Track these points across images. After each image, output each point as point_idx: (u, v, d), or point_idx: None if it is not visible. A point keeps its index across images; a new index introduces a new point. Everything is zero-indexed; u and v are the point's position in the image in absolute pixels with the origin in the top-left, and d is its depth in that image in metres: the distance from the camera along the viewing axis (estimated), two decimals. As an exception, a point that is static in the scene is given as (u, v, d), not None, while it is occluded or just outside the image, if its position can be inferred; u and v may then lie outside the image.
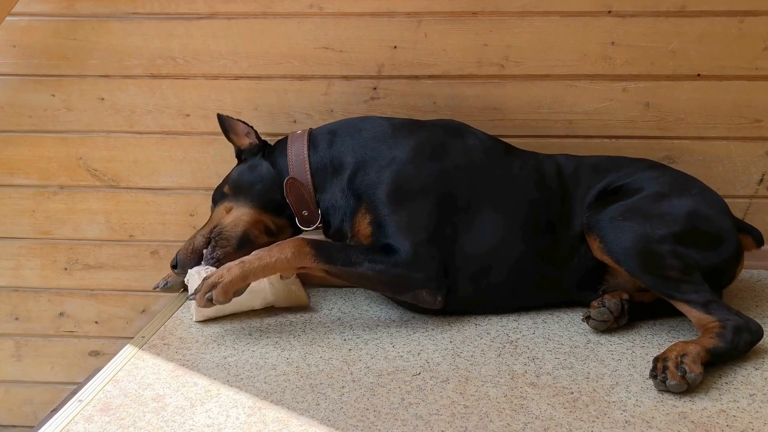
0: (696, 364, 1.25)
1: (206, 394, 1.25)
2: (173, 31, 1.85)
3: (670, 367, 1.24)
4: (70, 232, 2.03)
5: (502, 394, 1.24)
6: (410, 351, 1.40)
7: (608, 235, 1.45)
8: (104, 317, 2.09)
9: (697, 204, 1.49)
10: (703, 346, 1.30)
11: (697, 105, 1.80)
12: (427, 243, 1.47)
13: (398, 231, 1.46)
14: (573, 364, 1.34)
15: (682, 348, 1.28)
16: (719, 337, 1.32)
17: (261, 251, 1.43)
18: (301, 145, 1.61)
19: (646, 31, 1.76)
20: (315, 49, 1.83)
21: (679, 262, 1.40)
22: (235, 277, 1.40)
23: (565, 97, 1.82)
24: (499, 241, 1.52)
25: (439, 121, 1.68)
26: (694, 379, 1.23)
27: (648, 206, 1.47)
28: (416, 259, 1.44)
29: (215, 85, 1.88)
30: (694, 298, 1.38)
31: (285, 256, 1.42)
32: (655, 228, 1.43)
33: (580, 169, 1.61)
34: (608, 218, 1.46)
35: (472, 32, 1.79)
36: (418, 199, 1.50)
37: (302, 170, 1.59)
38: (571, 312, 1.57)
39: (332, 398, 1.23)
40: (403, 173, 1.52)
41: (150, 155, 1.95)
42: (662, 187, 1.53)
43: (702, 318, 1.37)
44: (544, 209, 1.56)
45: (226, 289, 1.39)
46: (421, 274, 1.45)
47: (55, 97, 1.93)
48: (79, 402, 1.24)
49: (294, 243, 1.44)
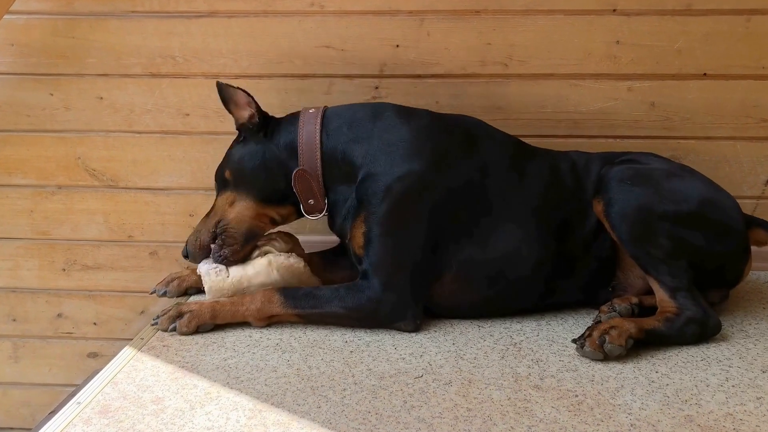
0: (620, 338, 1.31)
1: (206, 396, 1.25)
2: (173, 29, 1.85)
3: (593, 335, 1.32)
4: (68, 233, 2.03)
5: (505, 397, 1.24)
6: (413, 353, 1.40)
7: (613, 196, 1.46)
8: (103, 318, 2.09)
9: (709, 191, 1.50)
10: (640, 325, 1.35)
11: (703, 104, 1.80)
12: (407, 278, 1.46)
13: (380, 264, 1.46)
14: (577, 367, 1.34)
15: (617, 322, 1.35)
16: (666, 321, 1.37)
17: (235, 298, 1.51)
18: (314, 129, 1.53)
19: (651, 30, 1.76)
20: (316, 48, 1.83)
21: (671, 244, 1.41)
22: (204, 315, 1.48)
23: (569, 97, 1.82)
24: (515, 244, 1.52)
25: (460, 122, 1.61)
26: (611, 350, 1.30)
27: (660, 179, 1.48)
28: (391, 296, 1.46)
29: (215, 84, 1.88)
30: (666, 280, 1.41)
31: (254, 307, 1.49)
32: (661, 203, 1.43)
33: (591, 161, 1.61)
34: (617, 179, 1.47)
35: (475, 31, 1.79)
36: (420, 219, 1.47)
37: (313, 160, 1.53)
38: (575, 314, 1.57)
39: (334, 401, 1.23)
40: (412, 191, 1.47)
41: (149, 155, 1.95)
42: (674, 168, 1.55)
43: (664, 300, 1.41)
44: (559, 208, 1.56)
45: (191, 321, 1.47)
46: (396, 310, 1.47)
47: (53, 96, 1.93)
48: (77, 404, 1.24)
49: (264, 293, 1.50)
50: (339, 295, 1.48)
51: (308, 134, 1.53)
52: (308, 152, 1.53)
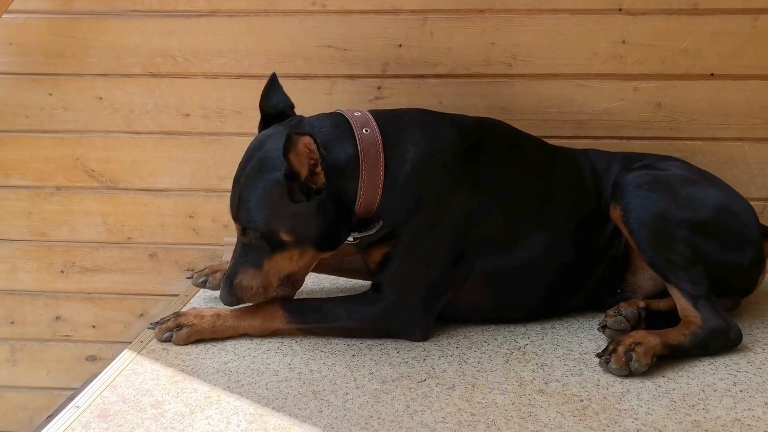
0: (646, 356, 1.30)
1: (206, 400, 1.25)
2: (173, 28, 1.85)
3: (619, 351, 1.30)
4: (66, 234, 2.03)
5: (509, 402, 1.23)
6: (415, 357, 1.40)
7: (630, 202, 1.45)
8: (101, 321, 2.09)
9: (728, 199, 1.50)
10: (665, 341, 1.33)
11: (710, 105, 1.80)
12: (421, 292, 1.44)
13: (398, 277, 1.44)
14: (583, 371, 1.34)
15: (641, 337, 1.33)
16: (691, 335, 1.36)
17: (237, 310, 1.45)
18: (377, 180, 1.39)
19: (658, 30, 1.76)
20: (318, 48, 1.84)
21: (689, 250, 1.41)
22: (204, 328, 1.44)
23: (574, 97, 1.82)
24: (541, 249, 1.52)
25: (495, 127, 1.58)
26: (636, 368, 1.28)
27: (677, 185, 1.48)
28: (402, 310, 1.45)
29: (216, 84, 1.88)
30: (687, 288, 1.40)
31: (256, 323, 1.45)
32: (679, 209, 1.43)
33: (612, 163, 1.61)
34: (635, 184, 1.47)
35: (479, 30, 1.79)
36: (442, 240, 1.44)
37: (372, 203, 1.41)
38: (580, 317, 1.57)
39: (335, 405, 1.23)
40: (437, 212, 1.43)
41: (149, 156, 1.95)
42: (692, 175, 1.54)
43: (687, 309, 1.39)
44: (579, 210, 1.56)
45: (190, 336, 1.44)
46: (404, 324, 1.45)
47: (52, 96, 1.93)
48: (76, 408, 1.23)
49: (266, 309, 1.45)
50: (347, 308, 1.45)
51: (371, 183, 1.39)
52: (367, 200, 1.40)
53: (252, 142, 1.44)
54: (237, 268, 1.40)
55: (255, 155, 1.39)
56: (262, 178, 1.35)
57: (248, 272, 1.39)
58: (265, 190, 1.35)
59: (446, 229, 1.45)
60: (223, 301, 1.42)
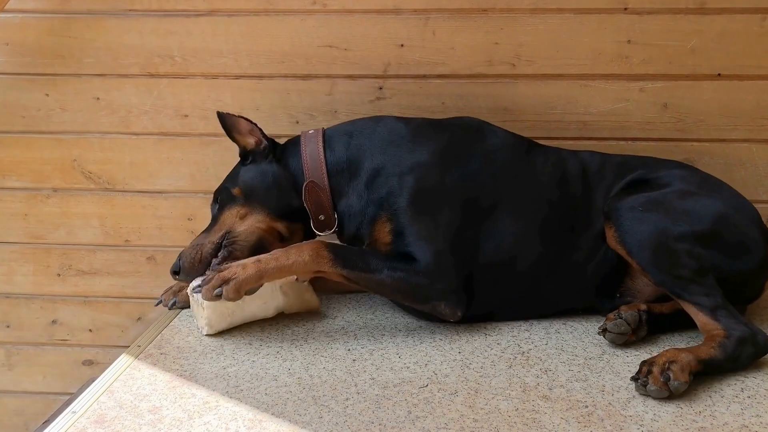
0: (683, 373, 1.26)
1: (205, 405, 1.25)
2: (171, 28, 1.86)
3: (654, 371, 1.26)
4: (63, 237, 2.03)
5: (513, 408, 1.23)
6: (417, 362, 1.40)
7: (625, 224, 1.45)
8: (99, 325, 2.10)
9: (726, 208, 1.49)
10: (697, 356, 1.30)
11: (717, 106, 1.80)
12: (448, 252, 1.48)
13: (419, 239, 1.47)
14: (587, 377, 1.34)
15: (673, 354, 1.29)
16: (720, 347, 1.32)
17: (278, 252, 1.44)
18: (315, 145, 1.60)
19: (664, 29, 1.76)
20: (318, 48, 1.84)
21: (694, 262, 1.40)
22: (250, 275, 1.41)
23: (579, 98, 1.82)
24: (520, 245, 1.54)
25: (458, 120, 1.67)
26: (677, 388, 1.24)
27: (672, 201, 1.47)
28: (437, 268, 1.45)
29: (215, 85, 1.89)
30: (702, 301, 1.38)
31: (303, 259, 1.43)
32: (676, 224, 1.42)
33: (606, 167, 1.62)
34: (628, 207, 1.47)
35: (482, 30, 1.79)
36: (440, 207, 1.51)
37: (319, 173, 1.58)
38: (585, 322, 1.57)
39: (336, 411, 1.23)
40: (426, 180, 1.52)
41: (147, 157, 1.95)
42: (690, 186, 1.54)
43: (708, 323, 1.37)
44: (566, 210, 1.57)
45: (238, 286, 1.40)
46: (442, 285, 1.46)
47: (49, 97, 1.93)
48: (72, 413, 1.23)
49: (312, 246, 1.45)
50: (390, 264, 1.45)
51: (311, 149, 1.60)
52: (312, 165, 1.58)
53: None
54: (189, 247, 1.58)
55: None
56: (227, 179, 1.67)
57: (194, 239, 1.59)
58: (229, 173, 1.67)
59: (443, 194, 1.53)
60: (172, 273, 1.56)
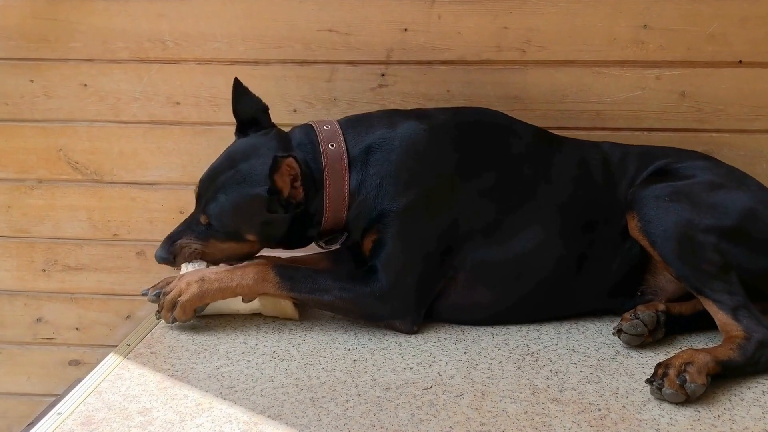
0: (700, 375, 1.26)
1: (197, 407, 1.25)
2: (163, 11, 1.85)
3: (670, 374, 1.26)
4: (49, 231, 2.03)
5: (522, 411, 1.23)
6: (421, 362, 1.40)
7: (649, 213, 1.46)
8: (86, 323, 2.10)
9: (754, 202, 1.49)
10: (715, 357, 1.30)
11: (738, 94, 1.79)
12: (412, 273, 1.49)
13: (391, 258, 1.49)
14: (600, 378, 1.34)
15: (689, 356, 1.29)
16: (739, 349, 1.32)
17: (222, 272, 1.49)
18: (342, 195, 1.51)
19: (682, 13, 1.75)
20: (318, 32, 1.83)
21: (719, 257, 1.40)
22: (192, 296, 1.48)
23: (592, 86, 1.81)
24: (536, 248, 1.54)
25: (480, 116, 1.64)
26: (694, 390, 1.24)
27: (700, 192, 1.48)
28: (393, 290, 1.48)
29: (208, 71, 1.88)
30: (724, 299, 1.39)
31: (246, 283, 1.48)
32: (703, 217, 1.43)
33: (627, 157, 1.63)
34: (653, 196, 1.47)
35: (490, 14, 1.79)
36: (431, 224, 1.51)
37: (340, 214, 1.54)
38: (598, 321, 1.57)
39: (335, 413, 1.23)
40: (427, 196, 1.51)
41: (137, 147, 1.95)
42: (717, 177, 1.54)
43: (728, 323, 1.37)
44: (587, 206, 1.58)
45: (185, 309, 1.48)
46: (394, 307, 1.49)
47: (33, 83, 1.93)
48: (58, 415, 1.23)
49: (257, 269, 1.49)
50: (341, 284, 1.49)
51: (336, 189, 1.52)
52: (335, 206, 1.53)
53: (233, 147, 1.58)
54: (182, 235, 1.55)
55: (239, 165, 1.52)
56: (243, 189, 1.50)
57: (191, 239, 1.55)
58: (244, 200, 1.50)
59: (432, 221, 1.51)
60: (157, 256, 1.56)
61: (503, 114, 1.66)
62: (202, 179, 1.57)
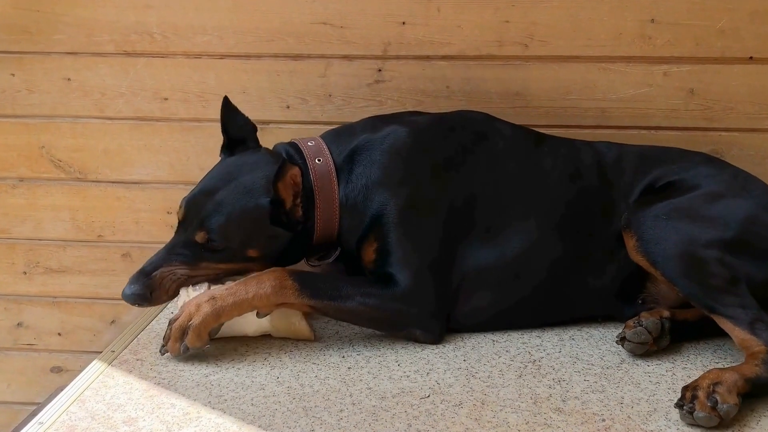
0: (731, 395, 1.23)
1: (185, 417, 1.25)
2: (150, 2, 1.85)
3: (700, 396, 1.23)
4: (30, 231, 2.03)
5: (523, 421, 1.23)
6: (418, 370, 1.40)
7: (647, 233, 1.46)
8: (68, 328, 2.10)
9: (756, 208, 1.49)
10: (743, 375, 1.28)
11: (748, 92, 1.80)
12: (429, 271, 1.49)
13: (402, 259, 1.49)
14: (605, 388, 1.34)
15: (716, 375, 1.27)
16: (765, 365, 1.30)
17: (235, 285, 1.43)
18: (332, 196, 1.53)
19: (691, 7, 1.75)
20: (312, 25, 1.83)
21: (726, 271, 1.40)
22: (206, 317, 1.39)
23: (597, 82, 1.82)
24: (527, 249, 1.55)
25: (464, 117, 1.67)
26: (727, 412, 1.21)
27: (699, 206, 1.48)
28: (416, 290, 1.47)
29: (198, 65, 1.88)
30: (738, 314, 1.37)
31: (264, 292, 1.41)
32: (703, 231, 1.43)
33: (624, 158, 1.63)
34: (651, 216, 1.47)
35: (491, 6, 1.79)
36: (430, 221, 1.53)
37: (331, 231, 1.55)
38: (601, 328, 1.57)
39: (329, 423, 1.23)
40: (419, 195, 1.53)
41: (122, 144, 1.95)
42: (718, 186, 1.54)
43: (746, 339, 1.36)
44: (579, 208, 1.59)
45: (198, 332, 1.39)
46: (418, 309, 1.48)
47: (14, 77, 1.93)
48: (39, 425, 1.23)
49: (274, 276, 1.43)
50: (362, 290, 1.46)
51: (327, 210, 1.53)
52: (326, 225, 1.54)
53: (226, 164, 1.58)
54: (161, 263, 1.47)
55: (240, 179, 1.51)
56: (249, 201, 1.48)
57: (174, 266, 1.47)
58: (248, 212, 1.48)
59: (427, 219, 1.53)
60: (127, 295, 1.44)
61: (486, 114, 1.67)
62: (190, 200, 1.51)
